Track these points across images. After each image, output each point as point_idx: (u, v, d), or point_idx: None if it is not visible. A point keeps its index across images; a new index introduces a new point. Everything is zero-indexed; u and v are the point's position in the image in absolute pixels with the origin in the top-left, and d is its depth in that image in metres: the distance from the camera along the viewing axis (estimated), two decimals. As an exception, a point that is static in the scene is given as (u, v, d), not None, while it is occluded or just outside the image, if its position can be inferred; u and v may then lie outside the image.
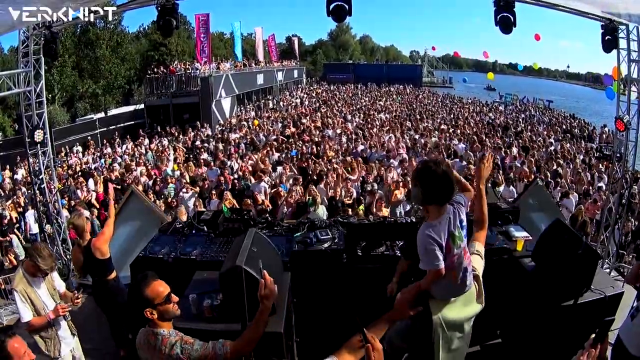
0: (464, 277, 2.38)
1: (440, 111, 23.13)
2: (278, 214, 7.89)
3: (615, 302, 3.75)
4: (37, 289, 3.50)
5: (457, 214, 2.37)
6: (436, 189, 2.23)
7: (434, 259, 2.24)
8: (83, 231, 4.13)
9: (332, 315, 3.69)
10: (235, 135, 15.32)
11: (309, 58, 50.05)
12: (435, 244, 2.23)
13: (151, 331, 2.23)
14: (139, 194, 6.31)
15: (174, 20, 5.90)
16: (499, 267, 4.09)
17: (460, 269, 2.34)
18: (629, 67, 6.26)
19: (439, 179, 2.19)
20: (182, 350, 2.17)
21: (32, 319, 3.43)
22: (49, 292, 3.60)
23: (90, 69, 26.21)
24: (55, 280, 3.77)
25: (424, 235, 2.27)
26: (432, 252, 2.24)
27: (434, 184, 2.22)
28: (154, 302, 2.20)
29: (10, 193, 10.97)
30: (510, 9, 5.71)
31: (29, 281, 3.47)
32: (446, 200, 2.29)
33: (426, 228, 2.28)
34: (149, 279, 2.23)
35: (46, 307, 3.50)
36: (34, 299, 3.47)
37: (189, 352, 2.17)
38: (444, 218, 2.30)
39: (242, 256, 2.94)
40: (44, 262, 3.42)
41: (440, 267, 2.24)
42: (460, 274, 2.33)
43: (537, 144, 14.03)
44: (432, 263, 2.25)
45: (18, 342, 2.20)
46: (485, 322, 4.14)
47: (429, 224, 2.29)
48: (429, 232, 2.25)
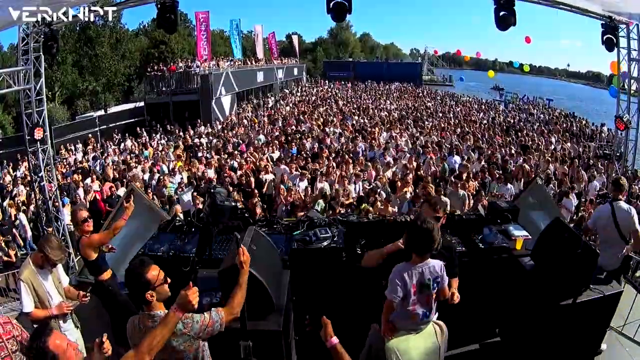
0: (422, 320, 2.75)
1: (440, 109, 23.10)
2: (278, 212, 7.92)
3: (614, 301, 3.76)
4: (43, 280, 3.52)
5: (435, 269, 2.71)
6: (418, 241, 2.62)
7: (394, 291, 2.65)
8: (76, 224, 4.16)
9: (331, 314, 3.69)
10: (234, 133, 15.31)
11: (309, 56, 49.92)
12: (401, 283, 2.63)
13: (147, 314, 2.33)
14: (138, 192, 6.31)
15: (173, 18, 5.90)
16: (498, 266, 4.10)
17: (423, 313, 2.73)
18: (629, 65, 6.27)
19: (423, 233, 2.57)
20: (183, 325, 2.31)
21: (34, 311, 3.44)
22: (54, 284, 3.61)
23: (90, 67, 26.17)
24: (61, 275, 3.78)
25: (399, 272, 2.67)
26: (395, 287, 2.65)
27: (417, 237, 2.61)
28: (155, 284, 2.31)
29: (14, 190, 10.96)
30: (511, 7, 5.70)
31: (36, 273, 3.49)
32: (425, 252, 2.65)
33: (405, 268, 2.67)
34: (147, 263, 2.36)
35: (50, 299, 3.51)
36: (39, 290, 3.48)
37: (190, 325, 2.33)
38: (422, 267, 2.67)
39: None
40: (53, 253, 3.45)
41: (395, 301, 2.66)
42: (420, 316, 2.72)
43: (537, 143, 14.02)
44: (391, 294, 2.67)
45: (59, 338, 2.14)
46: (484, 320, 4.18)
47: (410, 265, 2.67)
48: (405, 272, 2.65)
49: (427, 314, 2.76)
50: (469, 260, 4.06)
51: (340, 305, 3.80)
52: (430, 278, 2.68)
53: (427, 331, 2.76)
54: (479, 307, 3.97)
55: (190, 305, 2.18)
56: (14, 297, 6.61)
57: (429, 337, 2.74)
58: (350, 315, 3.63)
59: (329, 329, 2.32)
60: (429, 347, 2.72)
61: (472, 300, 3.89)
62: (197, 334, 2.36)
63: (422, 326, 2.78)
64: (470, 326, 3.96)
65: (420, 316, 2.73)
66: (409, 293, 2.66)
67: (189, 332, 2.34)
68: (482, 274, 4.01)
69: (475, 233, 4.34)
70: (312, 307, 3.70)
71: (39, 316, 3.46)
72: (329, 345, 2.29)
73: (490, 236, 4.25)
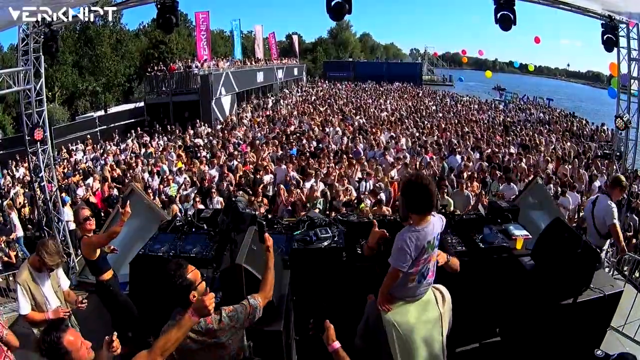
0: (420, 283, 2.57)
1: (440, 109, 23.09)
2: (278, 212, 7.92)
3: (615, 301, 3.76)
4: (40, 284, 3.51)
5: (436, 227, 2.57)
6: (417, 200, 2.45)
7: (402, 260, 2.44)
8: (78, 223, 4.17)
9: (331, 314, 3.70)
10: (235, 133, 15.31)
11: (309, 56, 49.91)
12: (408, 248, 2.42)
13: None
14: (138, 192, 6.31)
15: (173, 18, 5.90)
16: (498, 266, 4.10)
17: (421, 274, 2.54)
18: (629, 65, 6.27)
19: (420, 190, 2.41)
20: (229, 318, 2.37)
21: (30, 313, 3.45)
22: (53, 288, 3.61)
23: (90, 67, 26.20)
24: (60, 278, 3.78)
25: (403, 236, 2.47)
26: (402, 253, 2.43)
27: (415, 195, 2.45)
28: (196, 284, 2.32)
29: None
30: (511, 7, 5.71)
31: (33, 276, 3.49)
32: (426, 210, 2.48)
33: (408, 230, 2.48)
34: (184, 264, 2.36)
35: (48, 302, 3.51)
36: (36, 293, 3.48)
37: (236, 318, 2.39)
38: (426, 225, 2.49)
39: (242, 254, 2.94)
40: (50, 258, 3.44)
41: (403, 269, 2.45)
42: (417, 278, 2.53)
43: (537, 142, 14.02)
44: (398, 262, 2.45)
45: (73, 335, 2.14)
46: (484, 320, 4.18)
47: (412, 227, 2.48)
48: (410, 235, 2.45)
49: (425, 276, 2.58)
50: (469, 259, 4.07)
51: (341, 305, 3.80)
52: (433, 237, 2.52)
53: (427, 299, 2.59)
54: (479, 307, 3.98)
55: (206, 310, 2.18)
56: (14, 298, 6.60)
57: (429, 305, 2.57)
58: (350, 314, 3.63)
59: (332, 333, 2.32)
60: (430, 316, 2.55)
61: (472, 299, 3.90)
62: (242, 324, 2.43)
63: (421, 290, 2.60)
64: (470, 325, 3.96)
65: (418, 279, 2.55)
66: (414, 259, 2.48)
67: (236, 325, 2.39)
68: (482, 273, 4.02)
69: (475, 232, 4.34)
70: (313, 307, 3.71)
71: (35, 319, 3.46)
72: (330, 350, 2.29)
73: (490, 236, 4.25)
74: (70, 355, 2.08)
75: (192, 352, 2.33)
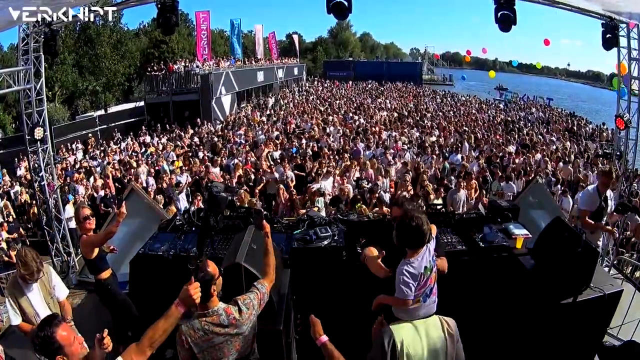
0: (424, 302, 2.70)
1: (440, 109, 23.09)
2: (278, 211, 7.93)
3: (615, 300, 3.75)
4: (28, 294, 3.43)
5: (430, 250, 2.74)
6: (410, 237, 2.61)
7: (407, 291, 2.61)
8: (78, 222, 4.15)
9: (331, 313, 3.70)
10: (235, 133, 15.32)
11: (309, 55, 49.92)
12: (411, 279, 2.61)
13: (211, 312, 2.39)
14: (138, 191, 6.32)
15: (173, 18, 5.90)
16: (498, 265, 4.10)
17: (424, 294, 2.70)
18: (629, 65, 6.26)
19: (412, 229, 2.57)
20: (246, 307, 2.46)
21: (21, 324, 3.40)
22: (44, 299, 3.51)
23: (90, 67, 26.18)
24: (56, 287, 3.67)
25: (401, 271, 2.64)
26: (405, 285, 2.60)
27: (408, 233, 2.60)
28: (215, 278, 2.41)
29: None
30: (511, 6, 5.70)
31: (20, 286, 3.42)
32: (418, 246, 2.65)
33: (405, 264, 2.64)
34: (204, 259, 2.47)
35: (37, 315, 3.42)
36: (23, 304, 3.41)
37: (252, 305, 2.49)
38: (420, 256, 2.66)
39: (241, 253, 2.95)
40: (24, 268, 3.35)
41: (409, 299, 2.62)
42: (422, 298, 2.69)
43: (537, 142, 14.02)
44: (403, 294, 2.62)
45: (65, 330, 2.14)
46: (484, 319, 4.18)
47: (408, 260, 2.65)
48: (407, 268, 2.62)
49: (429, 294, 2.73)
50: (469, 259, 4.07)
51: (341, 304, 3.81)
52: (429, 260, 2.70)
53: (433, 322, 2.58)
54: (479, 306, 3.97)
55: (191, 300, 2.19)
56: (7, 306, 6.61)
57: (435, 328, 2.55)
58: (350, 314, 3.63)
59: (318, 327, 2.35)
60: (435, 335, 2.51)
61: (472, 299, 3.90)
62: (257, 310, 2.53)
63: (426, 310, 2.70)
64: (470, 325, 3.96)
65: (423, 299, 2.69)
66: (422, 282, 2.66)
67: (253, 311, 2.47)
68: (482, 272, 4.02)
69: (475, 232, 4.34)
70: (312, 306, 3.71)
71: (26, 329, 3.40)
72: (318, 344, 2.31)
73: (490, 235, 4.25)
74: (63, 349, 2.09)
75: (217, 346, 2.37)
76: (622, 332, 4.62)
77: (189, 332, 2.35)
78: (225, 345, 2.39)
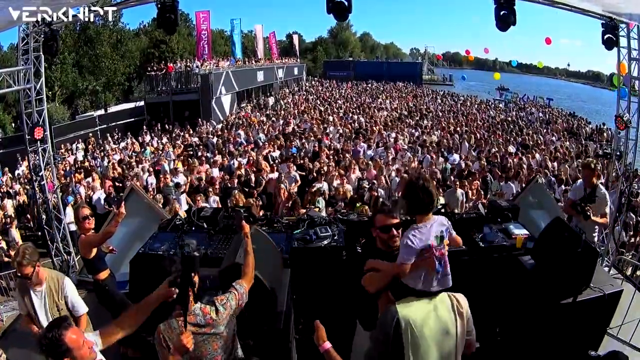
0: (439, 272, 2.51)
1: (440, 108, 23.09)
2: (278, 211, 7.93)
3: (615, 300, 3.75)
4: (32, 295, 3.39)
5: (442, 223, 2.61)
6: (418, 201, 2.50)
7: (407, 255, 2.46)
8: (77, 221, 4.16)
9: (331, 313, 3.70)
10: (237, 133, 15.32)
11: (309, 55, 49.91)
12: (413, 243, 2.46)
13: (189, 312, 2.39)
14: (138, 191, 6.32)
15: (173, 17, 5.89)
16: (498, 265, 4.10)
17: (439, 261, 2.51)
18: (629, 65, 6.25)
19: (420, 191, 2.47)
20: (224, 307, 2.47)
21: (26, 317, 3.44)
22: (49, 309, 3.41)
23: (90, 66, 26.19)
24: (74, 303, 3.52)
25: (407, 234, 2.52)
26: (408, 248, 2.46)
27: (416, 196, 2.49)
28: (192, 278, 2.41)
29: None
30: (511, 6, 5.70)
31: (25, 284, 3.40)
32: (427, 210, 2.54)
33: (412, 229, 2.52)
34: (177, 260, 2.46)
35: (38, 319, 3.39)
36: (25, 301, 3.40)
37: (229, 305, 2.50)
38: (429, 223, 2.54)
39: (241, 253, 2.94)
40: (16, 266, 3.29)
41: (406, 265, 2.46)
42: (437, 265, 2.49)
43: (537, 142, 14.03)
44: (402, 258, 2.48)
45: (75, 333, 2.11)
46: (484, 319, 4.18)
47: (416, 225, 2.53)
48: (413, 232, 2.49)
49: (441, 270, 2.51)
50: (469, 259, 4.07)
51: (341, 304, 3.81)
52: (441, 230, 2.56)
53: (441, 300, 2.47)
54: (479, 306, 3.97)
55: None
56: (15, 297, 6.61)
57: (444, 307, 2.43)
58: (351, 314, 3.63)
59: (322, 333, 2.30)
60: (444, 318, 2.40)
61: (472, 298, 3.90)
62: (234, 310, 2.53)
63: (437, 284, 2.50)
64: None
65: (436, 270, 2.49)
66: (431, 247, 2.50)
67: (230, 312, 2.48)
68: (482, 272, 4.02)
69: (475, 232, 4.34)
70: (313, 306, 3.71)
71: (30, 327, 3.42)
72: (322, 350, 2.27)
73: (490, 235, 4.26)
74: (71, 353, 2.06)
75: (195, 346, 2.36)
76: (622, 332, 4.63)
77: (166, 332, 2.36)
78: (203, 345, 2.40)
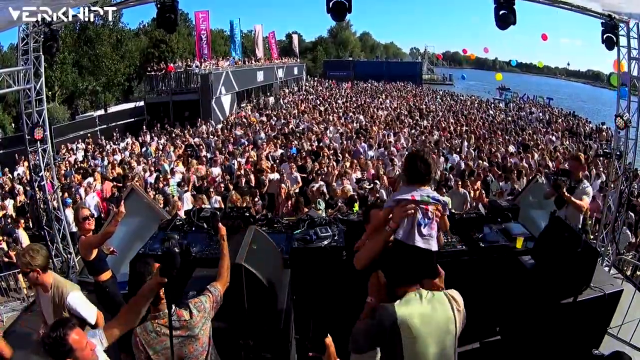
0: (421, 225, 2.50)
1: (440, 108, 23.09)
2: (279, 211, 7.93)
3: (615, 300, 3.76)
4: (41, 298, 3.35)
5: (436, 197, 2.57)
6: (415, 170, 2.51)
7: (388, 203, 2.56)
8: (78, 222, 4.15)
9: (331, 313, 3.70)
10: (235, 133, 15.32)
11: (309, 55, 49.90)
12: (400, 195, 2.51)
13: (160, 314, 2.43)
14: (138, 191, 6.31)
15: (173, 17, 5.90)
16: (498, 265, 4.10)
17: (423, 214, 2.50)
18: (629, 65, 6.25)
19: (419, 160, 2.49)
20: (197, 309, 2.46)
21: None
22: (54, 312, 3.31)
23: (90, 67, 26.20)
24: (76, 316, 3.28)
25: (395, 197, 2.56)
26: (394, 197, 2.54)
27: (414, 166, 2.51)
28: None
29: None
30: (511, 6, 5.70)
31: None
32: (423, 180, 2.53)
33: (405, 190, 2.53)
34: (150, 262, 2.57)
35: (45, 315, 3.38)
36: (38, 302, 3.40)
37: (203, 308, 2.49)
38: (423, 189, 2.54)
39: (242, 253, 2.95)
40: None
41: (388, 206, 2.55)
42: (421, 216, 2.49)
43: (536, 142, 14.02)
44: (389, 203, 2.56)
45: (78, 334, 2.13)
46: (484, 319, 4.18)
47: (410, 187, 2.53)
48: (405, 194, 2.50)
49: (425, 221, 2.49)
50: (469, 258, 4.07)
51: (341, 304, 3.80)
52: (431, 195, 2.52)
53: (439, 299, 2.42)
54: (480, 306, 3.97)
55: None
56: (15, 297, 6.62)
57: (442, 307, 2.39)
58: (351, 314, 3.63)
59: (332, 350, 2.20)
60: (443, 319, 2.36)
61: (472, 298, 3.90)
62: (209, 313, 2.52)
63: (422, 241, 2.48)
64: (470, 325, 3.96)
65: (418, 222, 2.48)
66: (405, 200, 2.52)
67: (204, 314, 2.47)
68: (482, 272, 4.02)
69: (475, 232, 4.34)
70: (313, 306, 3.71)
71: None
72: None
73: (490, 235, 4.26)
74: (74, 353, 2.07)
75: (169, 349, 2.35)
76: (622, 332, 4.63)
77: (142, 334, 2.38)
78: (178, 347, 2.40)
